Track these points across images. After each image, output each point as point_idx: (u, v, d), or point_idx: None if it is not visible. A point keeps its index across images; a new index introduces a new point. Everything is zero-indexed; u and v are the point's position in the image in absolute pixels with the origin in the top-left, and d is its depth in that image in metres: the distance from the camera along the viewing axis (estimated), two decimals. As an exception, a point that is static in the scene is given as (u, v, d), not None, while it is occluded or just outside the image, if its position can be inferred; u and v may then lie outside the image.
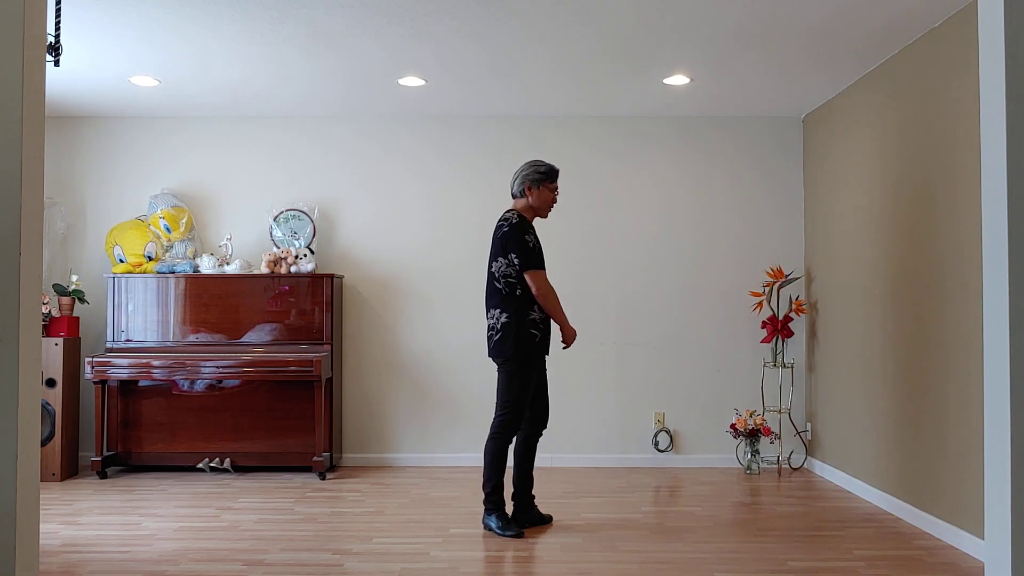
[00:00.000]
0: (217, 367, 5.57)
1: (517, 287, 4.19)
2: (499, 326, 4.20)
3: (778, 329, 5.86)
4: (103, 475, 5.61)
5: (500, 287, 4.21)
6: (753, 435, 5.77)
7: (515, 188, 4.35)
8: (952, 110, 4.09)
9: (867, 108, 5.05)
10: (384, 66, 4.96)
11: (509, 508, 4.62)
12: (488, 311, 4.27)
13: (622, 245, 6.12)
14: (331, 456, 5.80)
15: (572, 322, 6.09)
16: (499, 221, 4.30)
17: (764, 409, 5.99)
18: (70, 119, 6.16)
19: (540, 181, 4.32)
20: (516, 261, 4.19)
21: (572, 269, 6.11)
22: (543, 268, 4.23)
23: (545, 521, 4.45)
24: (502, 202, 6.10)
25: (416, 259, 6.12)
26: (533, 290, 4.19)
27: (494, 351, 4.23)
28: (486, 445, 4.26)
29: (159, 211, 5.87)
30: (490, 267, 4.26)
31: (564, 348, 4.33)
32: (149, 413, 5.82)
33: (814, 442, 5.90)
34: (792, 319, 5.97)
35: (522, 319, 4.18)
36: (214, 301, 5.78)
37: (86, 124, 6.17)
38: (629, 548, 4.00)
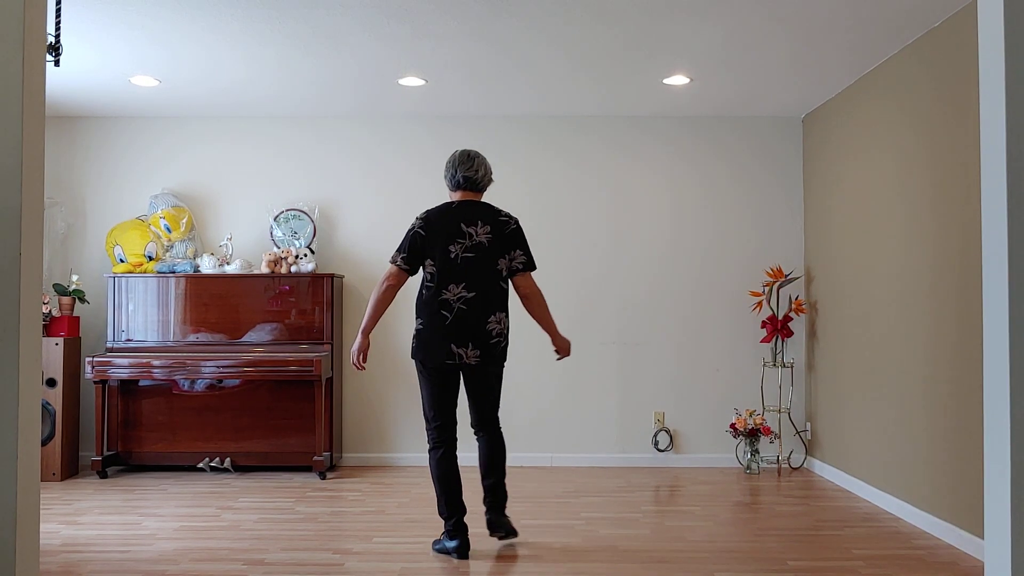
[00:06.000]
0: (217, 367, 5.57)
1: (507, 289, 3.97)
2: (505, 331, 3.91)
3: (778, 329, 5.87)
4: (103, 475, 5.61)
5: (503, 287, 3.91)
6: (753, 435, 5.77)
7: (484, 181, 3.98)
8: (952, 110, 4.09)
9: (867, 108, 5.05)
10: (385, 66, 4.96)
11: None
12: (493, 313, 3.85)
13: (622, 245, 6.12)
14: (331, 456, 5.80)
15: (575, 323, 6.10)
16: (501, 216, 3.92)
17: (764, 409, 5.99)
18: (70, 119, 6.16)
19: None
20: (521, 261, 3.92)
21: (571, 269, 6.11)
22: None
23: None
24: (505, 202, 6.10)
25: (416, 259, 6.11)
26: (533, 290, 3.93)
27: (500, 356, 3.91)
28: (504, 447, 4.00)
29: (159, 211, 5.87)
30: (495, 264, 3.87)
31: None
32: (149, 413, 5.82)
33: (814, 442, 5.90)
34: (792, 319, 5.97)
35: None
36: (214, 301, 5.79)
37: (86, 124, 6.17)
38: (629, 548, 4.00)
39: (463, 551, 3.85)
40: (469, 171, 3.95)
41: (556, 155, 6.14)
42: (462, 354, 3.82)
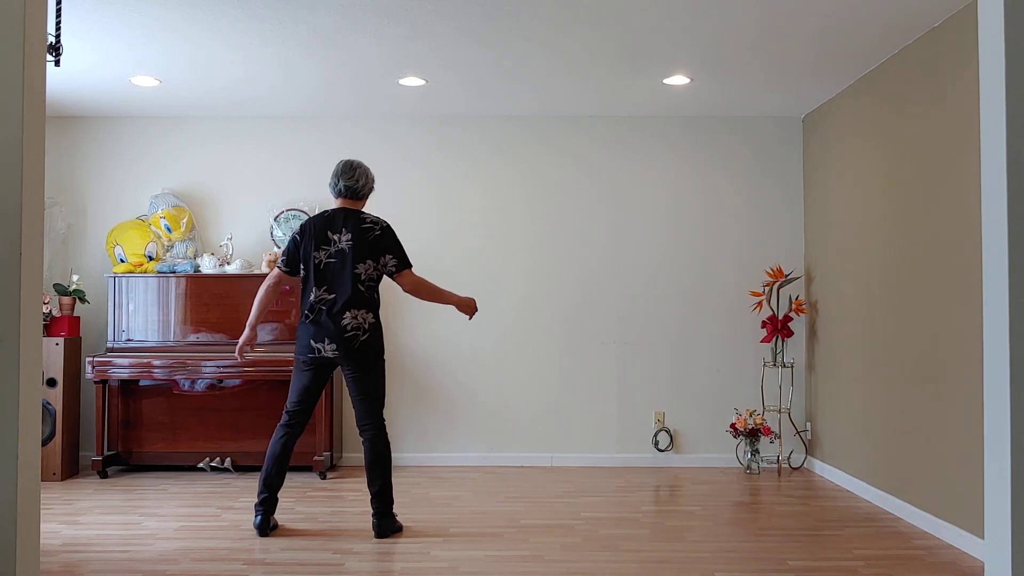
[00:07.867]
0: (218, 367, 5.58)
1: (376, 290, 4.19)
2: (367, 326, 4.12)
3: (778, 329, 5.87)
4: (104, 475, 5.61)
5: (363, 289, 4.12)
6: (753, 435, 5.77)
7: (364, 190, 4.23)
8: (952, 110, 4.10)
9: (867, 108, 5.06)
10: (385, 66, 4.96)
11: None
12: (348, 310, 4.09)
13: (622, 245, 6.12)
14: (331, 455, 5.80)
15: (575, 323, 6.10)
16: (365, 224, 4.15)
17: (764, 409, 6.00)
18: (71, 119, 6.16)
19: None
20: (394, 264, 4.17)
21: (571, 269, 6.11)
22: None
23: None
24: (506, 201, 6.11)
25: (417, 258, 6.12)
26: (416, 284, 4.19)
27: (369, 350, 4.13)
28: (384, 450, 4.15)
29: (160, 211, 5.87)
30: (353, 268, 4.10)
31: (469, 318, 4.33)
32: (150, 413, 5.82)
33: (814, 442, 5.90)
34: (792, 319, 5.97)
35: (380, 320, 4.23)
36: (215, 301, 5.79)
37: (87, 124, 6.18)
38: (629, 548, 4.00)
39: (262, 528, 4.16)
40: (350, 180, 4.21)
41: (556, 155, 6.14)
42: (320, 348, 4.13)
